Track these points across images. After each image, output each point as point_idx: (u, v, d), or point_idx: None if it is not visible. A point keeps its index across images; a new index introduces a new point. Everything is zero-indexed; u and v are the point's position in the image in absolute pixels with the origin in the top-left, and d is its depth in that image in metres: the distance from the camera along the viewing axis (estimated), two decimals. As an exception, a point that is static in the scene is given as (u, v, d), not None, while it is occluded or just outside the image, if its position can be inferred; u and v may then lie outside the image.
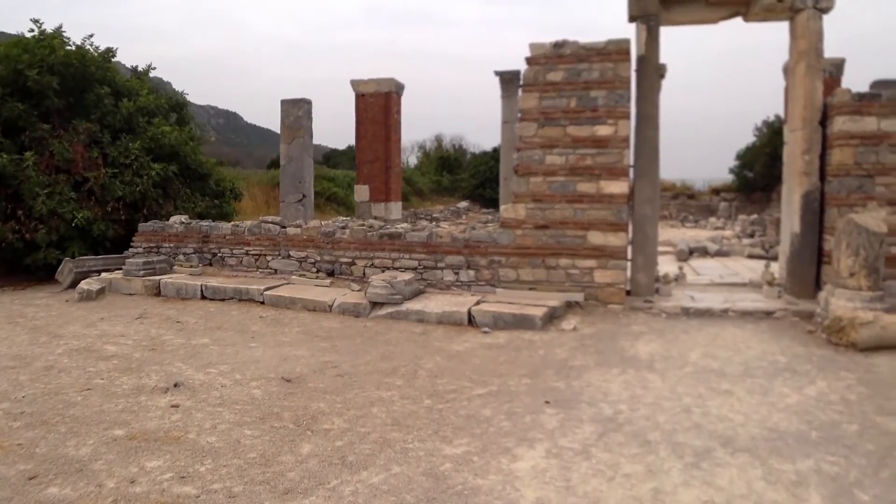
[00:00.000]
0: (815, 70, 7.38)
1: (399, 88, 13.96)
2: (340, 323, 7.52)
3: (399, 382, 5.24)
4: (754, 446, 3.84)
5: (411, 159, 39.92)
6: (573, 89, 7.70)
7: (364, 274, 9.07)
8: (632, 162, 7.96)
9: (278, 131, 11.81)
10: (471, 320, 7.29)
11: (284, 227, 9.95)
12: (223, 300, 8.57)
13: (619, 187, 7.56)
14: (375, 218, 13.76)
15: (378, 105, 13.45)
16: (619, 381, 5.20)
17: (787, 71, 10.32)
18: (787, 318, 7.28)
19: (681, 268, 12.17)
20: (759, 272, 11.97)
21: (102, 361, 5.71)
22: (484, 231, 8.34)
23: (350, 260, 9.25)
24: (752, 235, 18.75)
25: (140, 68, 16.71)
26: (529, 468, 3.55)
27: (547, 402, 4.68)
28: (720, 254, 17.44)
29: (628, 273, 8.09)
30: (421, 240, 8.71)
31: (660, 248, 20.98)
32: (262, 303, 8.39)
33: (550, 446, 3.86)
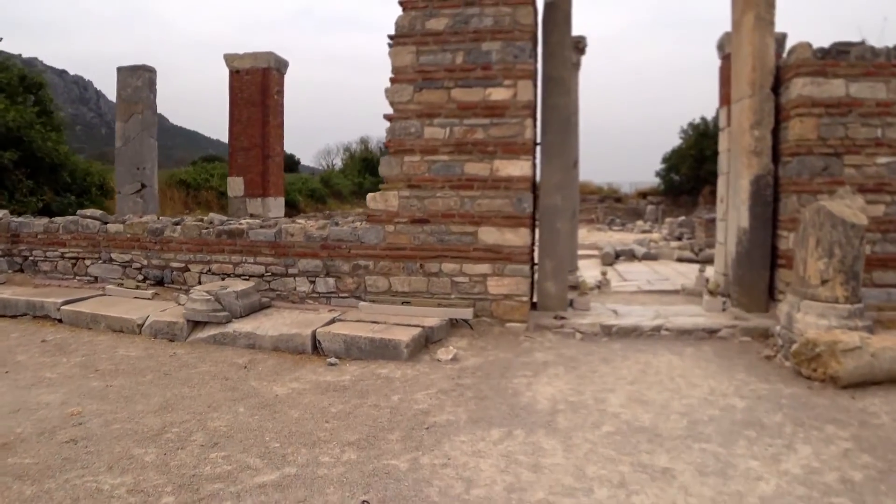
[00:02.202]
0: (765, 23, 5.77)
1: (281, 65, 11.74)
2: (144, 350, 5.42)
3: (150, 456, 3.23)
4: None
5: (336, 161, 39.02)
6: (460, 41, 5.78)
7: (199, 282, 6.87)
8: (538, 137, 6.11)
9: (204, 133, 9.47)
10: (317, 346, 5.23)
11: (106, 224, 7.59)
12: (14, 317, 6.60)
13: (519, 168, 5.68)
14: (252, 216, 11.45)
15: (254, 83, 11.20)
16: (496, 453, 3.24)
17: (723, 45, 8.85)
18: (735, 339, 5.57)
19: (604, 273, 10.51)
20: (693, 277, 10.53)
21: None
22: (347, 227, 6.27)
23: (182, 265, 7.02)
24: (679, 238, 17.56)
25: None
26: None
27: (361, 507, 2.67)
28: (648, 257, 16.08)
29: (534, 281, 6.21)
30: (268, 239, 6.55)
31: (585, 252, 19.62)
32: (60, 320, 6.33)
33: None
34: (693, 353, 5.16)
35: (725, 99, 8.58)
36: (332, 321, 5.65)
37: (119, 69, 8.96)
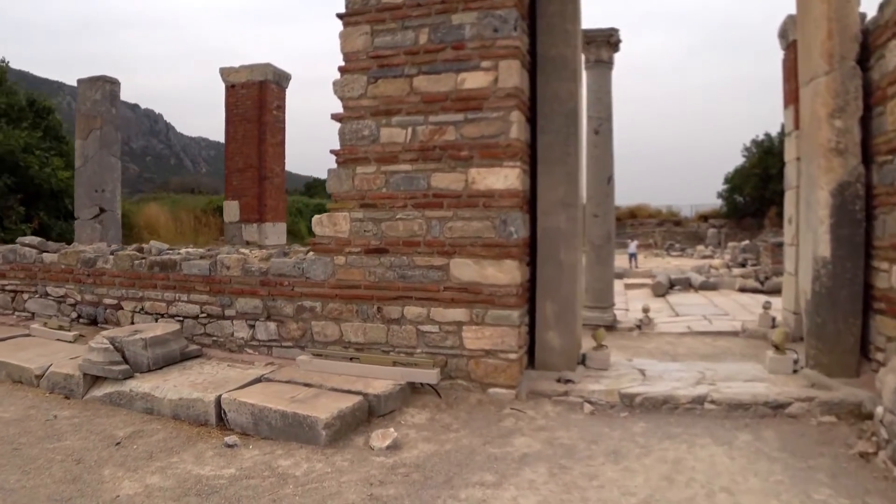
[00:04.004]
0: (844, -25, 4.12)
1: (280, 78, 10.71)
2: (25, 410, 4.33)
3: None
4: None
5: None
6: (424, 14, 4.41)
7: (132, 322, 5.74)
8: (532, 137, 4.63)
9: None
10: (222, 417, 3.90)
11: (42, 253, 6.59)
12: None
13: (503, 179, 4.20)
14: (248, 244, 10.37)
15: (251, 98, 10.20)
16: None
17: (785, 32, 7.17)
18: (812, 419, 3.87)
19: (647, 310, 8.80)
20: (757, 314, 8.72)
21: None
22: (291, 260, 4.94)
23: (115, 301, 5.92)
24: (743, 264, 15.48)
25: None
26: None
27: None
28: (706, 287, 14.05)
29: (534, 330, 4.68)
30: (202, 272, 5.31)
31: (635, 281, 17.68)
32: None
33: None
34: (748, 445, 3.50)
35: (791, 96, 6.88)
36: (255, 381, 4.31)
37: (79, 81, 8.10)
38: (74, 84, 8.60)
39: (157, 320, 5.60)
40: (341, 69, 4.64)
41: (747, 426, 3.81)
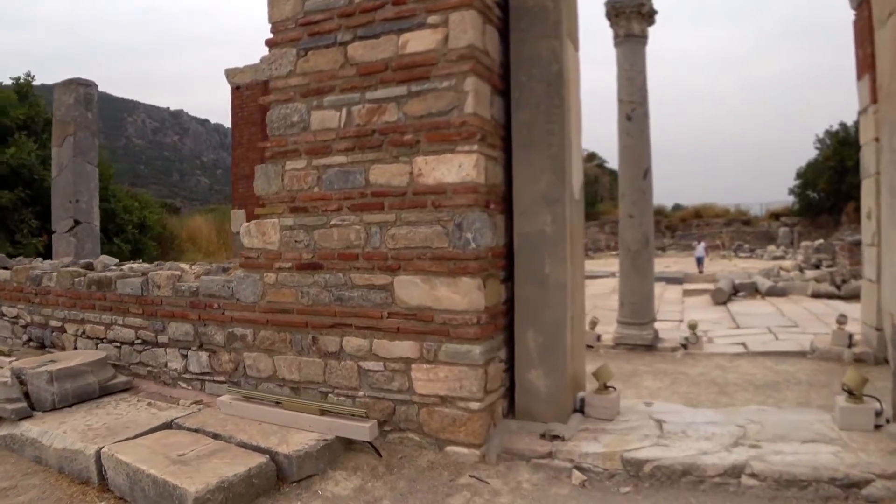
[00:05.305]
0: None
1: (288, 75, 9.99)
2: None
3: None
4: None
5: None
6: (364, -37, 3.43)
7: (75, 347, 5.07)
8: (504, 115, 3.57)
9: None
10: (105, 474, 3.08)
11: (1, 269, 6.09)
12: None
13: (456, 169, 3.16)
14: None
15: (254, 99, 9.54)
16: None
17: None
18: (903, 509, 2.62)
19: (693, 327, 7.49)
20: (831, 325, 7.31)
21: None
22: (220, 278, 4.07)
23: (60, 323, 5.26)
24: (818, 266, 13.67)
25: (22, 80, 13.79)
26: None
27: None
28: (774, 292, 12.38)
29: (513, 368, 3.60)
30: (134, 292, 4.54)
31: (696, 287, 16.01)
32: None
33: None
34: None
35: (865, 63, 5.53)
36: (161, 428, 3.49)
37: (55, 86, 7.61)
38: (149, 103, 8.24)
39: (97, 346, 4.90)
40: (269, 42, 3.74)
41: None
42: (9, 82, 13.11)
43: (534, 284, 3.44)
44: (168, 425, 3.55)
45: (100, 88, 7.88)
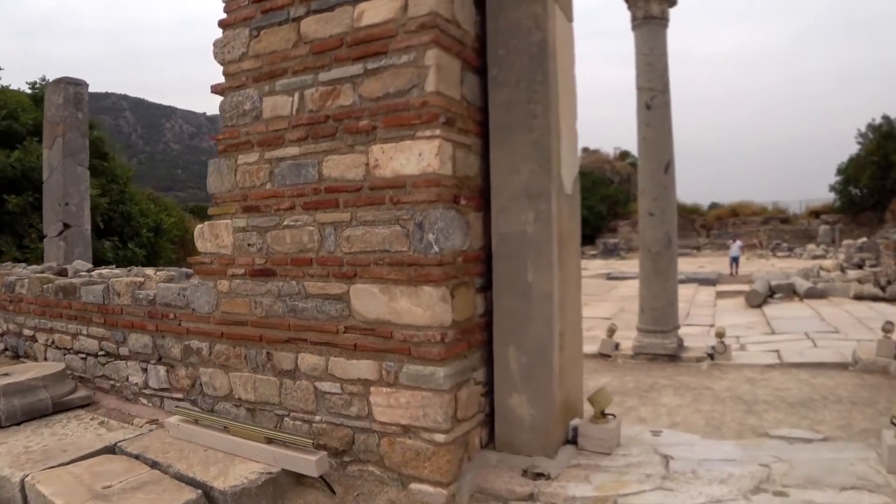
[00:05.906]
0: None
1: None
2: None
3: None
4: None
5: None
6: (320, -76, 2.99)
7: (46, 358, 4.80)
8: (469, 93, 3.08)
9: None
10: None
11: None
12: None
13: (416, 158, 2.69)
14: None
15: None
16: None
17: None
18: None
19: (721, 335, 6.86)
20: (876, 332, 6.64)
21: None
22: (176, 286, 3.69)
23: (32, 332, 5.01)
24: (860, 266, 12.71)
25: (38, 84, 13.84)
26: None
27: None
28: (813, 294, 11.53)
29: (492, 391, 3.11)
30: (97, 300, 4.22)
31: (730, 288, 15.15)
32: None
33: None
34: None
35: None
36: (101, 452, 3.14)
37: (47, 86, 7.40)
38: (186, 108, 8.09)
39: (65, 356, 4.60)
40: (221, 23, 3.33)
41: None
42: (27, 88, 13.16)
43: (514, 295, 2.95)
44: (111, 449, 3.18)
45: (139, 96, 7.70)
